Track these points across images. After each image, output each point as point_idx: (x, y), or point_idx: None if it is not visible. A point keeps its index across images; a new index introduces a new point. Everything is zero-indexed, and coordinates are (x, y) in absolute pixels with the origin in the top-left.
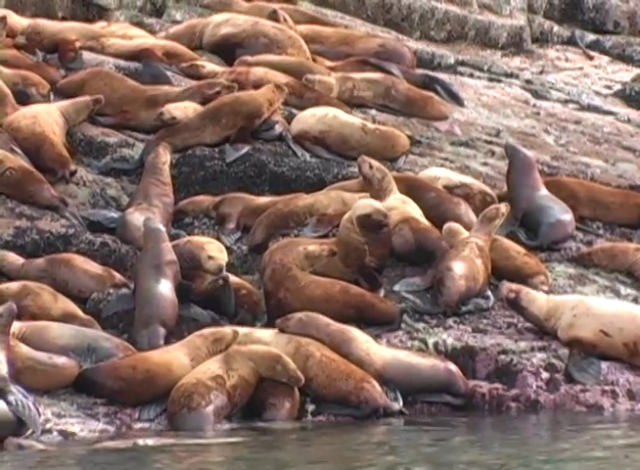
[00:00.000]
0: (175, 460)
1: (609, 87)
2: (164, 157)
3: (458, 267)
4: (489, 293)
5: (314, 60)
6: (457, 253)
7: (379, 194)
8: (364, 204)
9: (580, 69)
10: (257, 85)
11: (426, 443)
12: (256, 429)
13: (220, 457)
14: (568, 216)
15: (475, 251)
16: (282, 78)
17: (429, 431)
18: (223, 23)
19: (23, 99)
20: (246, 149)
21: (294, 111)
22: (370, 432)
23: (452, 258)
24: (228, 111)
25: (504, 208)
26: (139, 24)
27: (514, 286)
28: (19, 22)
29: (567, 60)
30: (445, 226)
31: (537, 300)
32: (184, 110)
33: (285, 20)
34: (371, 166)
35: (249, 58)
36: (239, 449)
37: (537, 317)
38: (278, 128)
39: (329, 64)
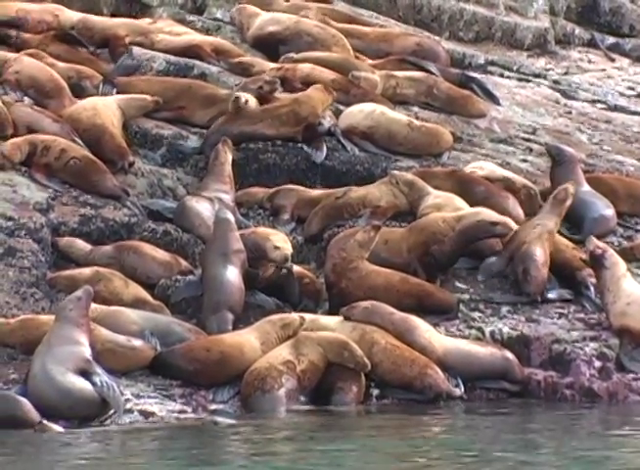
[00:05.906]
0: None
1: (631, 88)
2: (224, 156)
3: (539, 255)
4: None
5: (357, 58)
6: (532, 237)
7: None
8: (490, 212)
9: (603, 70)
10: (304, 81)
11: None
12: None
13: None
14: (610, 212)
15: (546, 235)
16: (328, 75)
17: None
18: (269, 21)
19: (78, 92)
20: (324, 145)
21: (340, 106)
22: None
23: (532, 244)
24: (288, 111)
25: (572, 188)
26: (181, 22)
27: (601, 243)
28: (70, 17)
29: (589, 61)
30: None
31: (619, 265)
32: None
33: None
34: (397, 182)
35: (294, 55)
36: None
37: (606, 282)
38: (327, 123)
39: (370, 62)
